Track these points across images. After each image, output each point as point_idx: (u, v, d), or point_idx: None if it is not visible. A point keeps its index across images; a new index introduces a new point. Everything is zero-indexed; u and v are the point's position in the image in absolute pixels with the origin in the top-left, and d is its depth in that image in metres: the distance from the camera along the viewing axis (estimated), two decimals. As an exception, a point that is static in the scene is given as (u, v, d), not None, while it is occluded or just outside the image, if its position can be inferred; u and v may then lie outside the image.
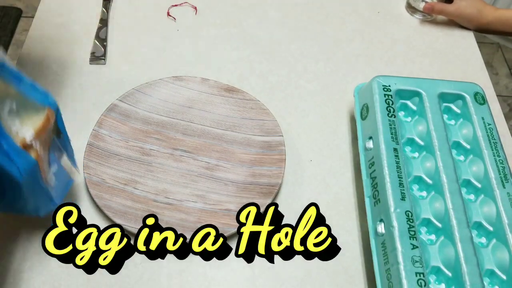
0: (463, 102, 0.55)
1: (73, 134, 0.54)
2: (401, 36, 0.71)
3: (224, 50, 0.66)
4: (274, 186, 0.50)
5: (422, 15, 0.73)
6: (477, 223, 0.47)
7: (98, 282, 0.45)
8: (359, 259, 0.48)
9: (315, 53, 0.67)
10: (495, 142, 0.51)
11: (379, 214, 0.46)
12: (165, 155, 0.53)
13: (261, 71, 0.64)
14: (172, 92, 0.58)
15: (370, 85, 0.54)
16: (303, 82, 0.63)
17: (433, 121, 0.52)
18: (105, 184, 0.49)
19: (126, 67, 0.62)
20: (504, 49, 1.82)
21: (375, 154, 0.49)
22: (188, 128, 0.55)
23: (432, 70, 0.67)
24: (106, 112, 0.54)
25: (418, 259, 0.42)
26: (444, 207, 0.46)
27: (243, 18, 0.70)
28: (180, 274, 0.46)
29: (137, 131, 0.54)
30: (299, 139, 0.57)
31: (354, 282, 0.47)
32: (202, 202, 0.49)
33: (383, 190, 0.46)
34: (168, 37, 0.67)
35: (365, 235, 0.50)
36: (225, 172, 0.52)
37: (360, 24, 0.72)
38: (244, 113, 0.57)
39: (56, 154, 0.43)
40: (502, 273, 0.44)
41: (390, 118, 0.51)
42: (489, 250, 0.45)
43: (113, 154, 0.52)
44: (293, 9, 0.73)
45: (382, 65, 0.66)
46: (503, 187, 0.48)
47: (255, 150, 0.54)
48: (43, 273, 0.45)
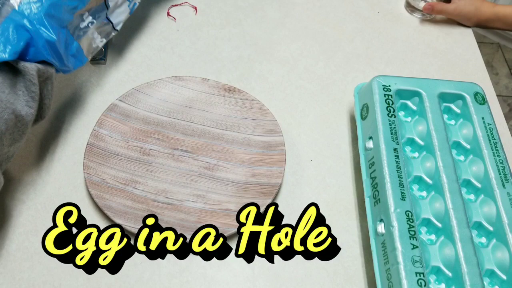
0: (463, 102, 0.55)
1: (73, 134, 0.54)
2: (401, 36, 0.71)
3: (224, 50, 0.66)
4: (274, 186, 0.50)
5: (422, 14, 0.73)
6: (477, 223, 0.47)
7: (98, 282, 0.45)
8: (359, 259, 0.48)
9: (315, 53, 0.67)
10: (495, 142, 0.51)
11: (379, 214, 0.46)
12: (165, 155, 0.53)
13: (261, 71, 0.64)
14: (172, 92, 0.58)
15: (370, 85, 0.54)
16: (303, 82, 0.63)
17: (433, 121, 0.52)
18: (105, 184, 0.49)
19: (126, 67, 0.62)
20: (504, 49, 1.82)
21: (375, 154, 0.49)
22: (188, 128, 0.55)
23: (432, 70, 0.67)
24: (106, 112, 0.54)
25: (418, 259, 0.42)
26: (444, 207, 0.46)
27: (243, 18, 0.70)
28: (180, 274, 0.46)
29: (137, 131, 0.54)
30: (299, 139, 0.57)
31: (354, 282, 0.47)
32: (202, 202, 0.49)
33: (383, 190, 0.46)
34: (168, 37, 0.67)
35: (365, 235, 0.50)
36: (225, 172, 0.52)
37: (360, 24, 0.72)
38: (244, 113, 0.57)
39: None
40: (502, 273, 0.44)
41: (390, 118, 0.51)
42: (489, 250, 0.45)
43: (113, 154, 0.52)
44: (293, 9, 0.73)
45: (382, 65, 0.66)
46: (503, 187, 0.48)
47: (255, 150, 0.54)
48: (43, 273, 0.45)
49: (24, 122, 0.43)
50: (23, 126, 0.43)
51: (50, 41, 0.43)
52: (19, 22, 0.41)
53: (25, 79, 0.42)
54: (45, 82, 0.45)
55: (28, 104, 0.43)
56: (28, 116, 0.43)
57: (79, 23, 0.50)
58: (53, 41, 0.43)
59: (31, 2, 0.43)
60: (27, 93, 0.42)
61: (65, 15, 0.46)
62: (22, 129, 0.43)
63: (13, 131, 0.42)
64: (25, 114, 0.42)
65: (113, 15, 0.56)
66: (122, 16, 0.57)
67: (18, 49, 0.41)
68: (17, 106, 0.41)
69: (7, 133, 0.41)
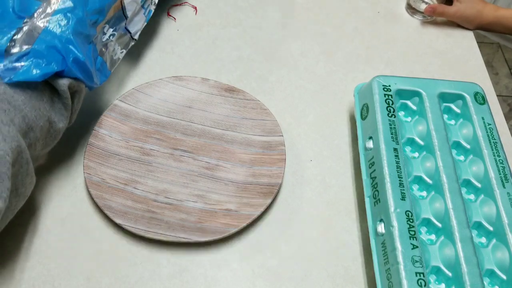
0: (463, 102, 0.55)
1: (73, 134, 0.54)
2: (401, 36, 0.71)
3: (224, 50, 0.66)
4: (274, 186, 0.50)
5: (422, 16, 0.73)
6: (477, 223, 0.47)
7: (98, 282, 0.45)
8: (359, 259, 0.48)
9: (315, 53, 0.67)
10: (495, 142, 0.51)
11: (379, 214, 0.46)
12: (165, 155, 0.53)
13: (261, 71, 0.64)
14: (172, 92, 0.58)
15: (370, 85, 0.54)
16: (303, 82, 0.63)
17: (433, 121, 0.52)
18: (105, 184, 0.49)
19: (126, 67, 0.62)
20: (504, 49, 1.82)
21: (375, 154, 0.49)
22: (188, 128, 0.55)
23: (432, 70, 0.67)
24: (106, 112, 0.54)
25: (418, 259, 0.42)
26: (444, 207, 0.46)
27: (243, 18, 0.70)
28: (180, 274, 0.46)
29: (137, 131, 0.54)
30: (299, 139, 0.57)
31: (354, 282, 0.47)
32: (202, 202, 0.49)
33: (383, 190, 0.46)
34: (168, 37, 0.67)
35: (365, 235, 0.50)
36: (225, 172, 0.52)
37: (360, 24, 0.72)
38: (244, 113, 0.57)
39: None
40: (502, 273, 0.44)
41: (390, 118, 0.51)
42: (489, 250, 0.45)
43: (113, 154, 0.52)
44: (293, 9, 0.73)
45: (382, 65, 0.66)
46: (503, 187, 0.48)
47: (255, 150, 0.54)
48: (43, 273, 0.45)
49: (57, 129, 0.45)
50: (55, 133, 0.45)
51: (79, 60, 0.44)
52: (50, 43, 0.42)
53: (59, 90, 0.44)
54: (76, 94, 0.46)
55: (61, 112, 0.45)
56: (60, 123, 0.45)
57: (102, 37, 0.50)
58: (82, 60, 0.44)
59: (59, 20, 0.43)
60: (61, 103, 0.45)
61: (90, 30, 0.47)
62: (55, 135, 0.46)
63: (46, 136, 0.44)
64: (58, 120, 0.45)
65: (131, 25, 0.56)
66: (139, 25, 0.57)
67: (50, 71, 0.42)
68: (51, 113, 0.44)
69: (41, 138, 0.43)
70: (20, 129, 0.40)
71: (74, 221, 0.48)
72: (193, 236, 0.46)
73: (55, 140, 0.46)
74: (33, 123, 0.41)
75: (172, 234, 0.46)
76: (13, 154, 0.38)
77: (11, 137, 0.38)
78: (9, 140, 0.38)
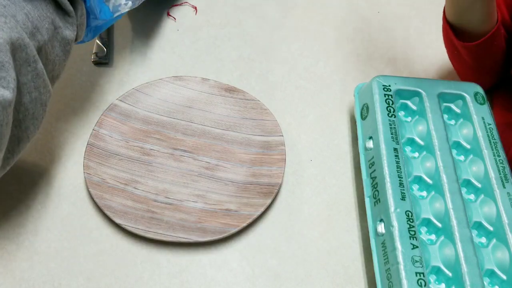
0: (463, 102, 0.55)
1: (73, 134, 0.54)
2: (401, 36, 0.71)
3: (224, 50, 0.66)
4: (274, 186, 0.50)
5: None
6: (477, 223, 0.47)
7: (98, 282, 0.45)
8: (359, 259, 0.48)
9: (315, 53, 0.67)
10: (495, 142, 0.51)
11: (379, 214, 0.46)
12: (165, 155, 0.53)
13: (261, 71, 0.64)
14: (172, 92, 0.58)
15: (370, 85, 0.54)
16: (303, 82, 0.63)
17: (433, 121, 0.52)
18: (106, 184, 0.49)
19: (126, 67, 0.62)
20: (504, 49, 1.81)
21: (375, 154, 0.49)
22: (188, 128, 0.55)
23: (432, 70, 0.67)
24: (106, 112, 0.54)
25: (418, 259, 0.42)
26: (444, 207, 0.46)
27: (243, 18, 0.70)
28: (180, 274, 0.46)
29: (137, 131, 0.54)
30: (299, 139, 0.57)
31: (354, 282, 0.47)
32: (202, 202, 0.49)
33: (383, 190, 0.46)
34: (168, 37, 0.67)
35: (365, 235, 0.50)
36: (225, 172, 0.52)
37: (360, 24, 0.72)
38: (244, 113, 0.57)
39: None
40: (502, 273, 0.44)
41: (390, 118, 0.51)
42: (489, 250, 0.45)
43: (113, 154, 0.52)
44: (293, 9, 0.73)
45: (382, 65, 0.66)
46: (503, 187, 0.48)
47: (255, 150, 0.54)
48: (43, 273, 0.45)
49: (64, 35, 0.44)
50: (64, 41, 0.45)
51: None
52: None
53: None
54: (76, 4, 0.46)
55: (65, 18, 0.45)
56: (66, 30, 0.45)
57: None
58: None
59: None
60: (62, 9, 0.44)
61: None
62: (64, 44, 0.45)
63: (54, 42, 0.44)
64: (63, 27, 0.44)
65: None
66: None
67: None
68: (55, 17, 0.43)
69: (49, 43, 0.43)
70: (25, 26, 0.40)
71: (74, 221, 0.48)
72: (193, 236, 0.46)
73: (65, 50, 0.46)
74: (38, 22, 0.41)
75: (172, 234, 0.46)
76: (14, 46, 0.38)
77: (9, 28, 0.37)
78: (7, 30, 0.37)
